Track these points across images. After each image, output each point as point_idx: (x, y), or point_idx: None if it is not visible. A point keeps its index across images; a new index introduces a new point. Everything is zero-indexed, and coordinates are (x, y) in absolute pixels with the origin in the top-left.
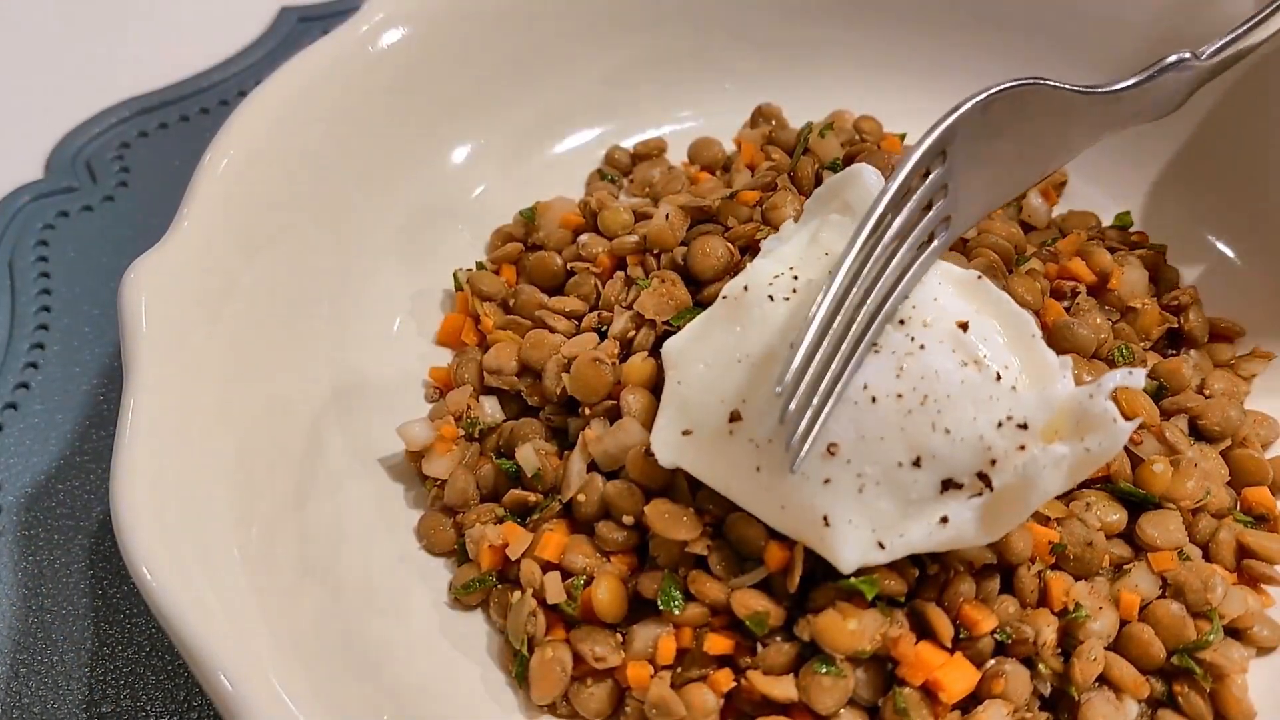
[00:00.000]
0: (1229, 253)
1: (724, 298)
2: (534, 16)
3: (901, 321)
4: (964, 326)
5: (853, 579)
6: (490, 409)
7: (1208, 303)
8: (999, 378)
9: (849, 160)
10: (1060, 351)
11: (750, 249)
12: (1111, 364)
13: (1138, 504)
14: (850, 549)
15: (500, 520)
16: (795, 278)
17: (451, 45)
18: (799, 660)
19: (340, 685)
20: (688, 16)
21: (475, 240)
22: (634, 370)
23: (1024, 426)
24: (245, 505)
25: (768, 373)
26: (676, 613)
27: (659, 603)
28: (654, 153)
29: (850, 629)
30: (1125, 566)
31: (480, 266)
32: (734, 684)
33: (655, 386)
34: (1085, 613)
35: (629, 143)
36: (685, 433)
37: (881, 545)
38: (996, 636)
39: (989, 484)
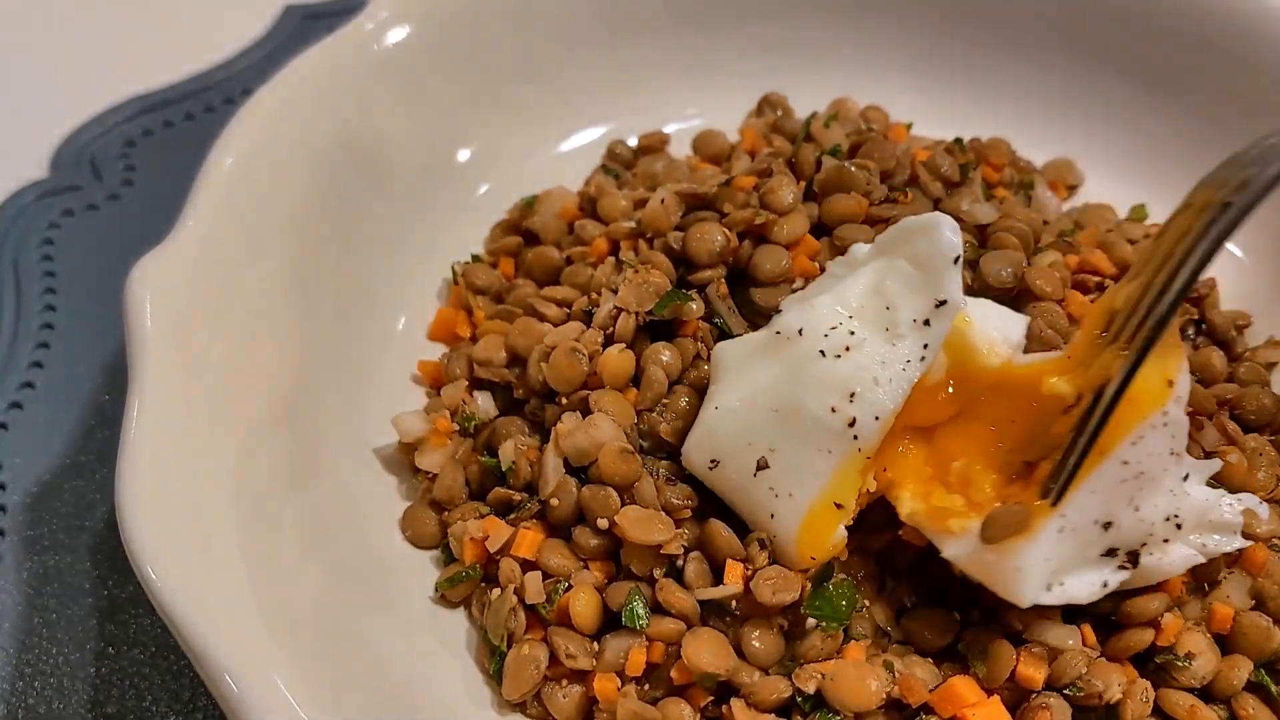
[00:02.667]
0: (1236, 251)
1: (776, 333)
2: (538, 14)
3: (1177, 399)
4: (1192, 415)
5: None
6: (484, 404)
7: None
8: (1187, 477)
9: (854, 149)
10: None
11: (749, 234)
12: None
13: None
14: (1033, 585)
15: (482, 518)
16: (851, 333)
17: (456, 43)
18: (791, 701)
19: (337, 682)
20: (693, 15)
21: (480, 239)
22: (609, 362)
23: (1179, 527)
24: (248, 504)
25: (799, 430)
26: (641, 628)
27: (624, 619)
28: (657, 146)
29: (871, 689)
30: (1221, 576)
31: (477, 259)
32: (711, 698)
33: (635, 378)
34: (1186, 664)
35: (634, 140)
36: (713, 463)
37: (1049, 588)
38: (1067, 692)
39: (1134, 563)
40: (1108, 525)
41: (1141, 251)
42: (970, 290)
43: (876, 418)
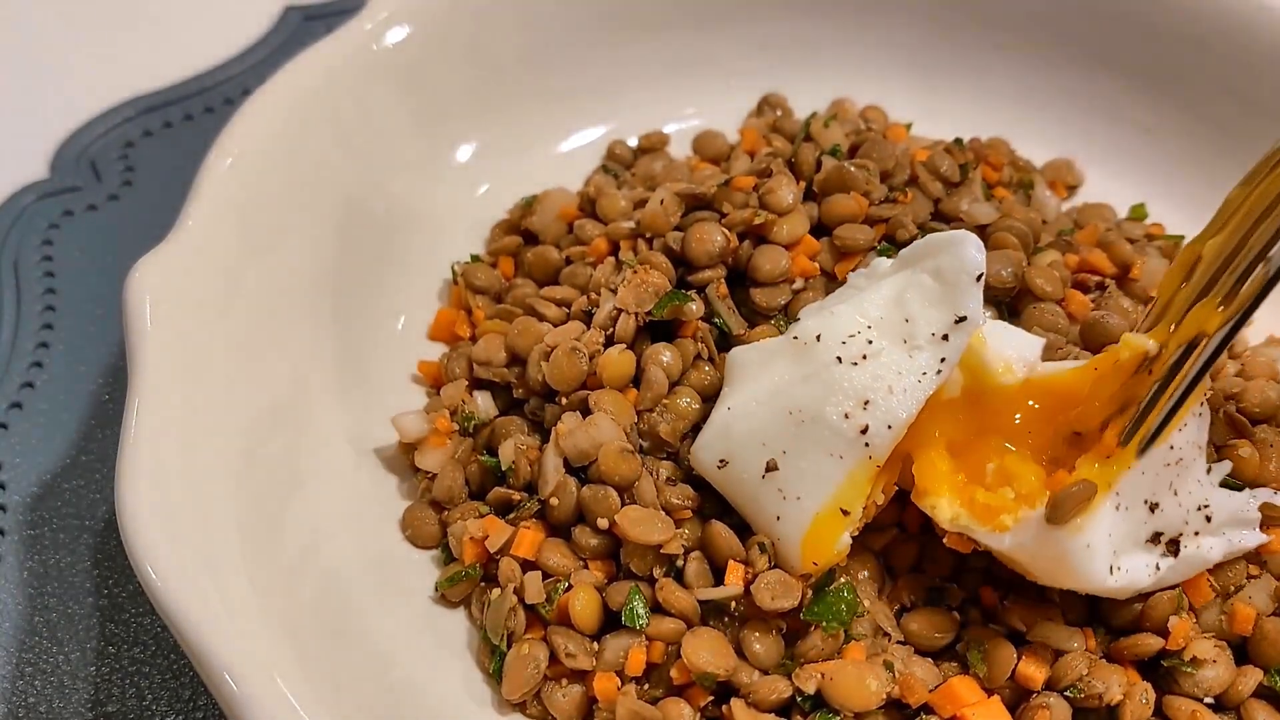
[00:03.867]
0: None
1: (794, 338)
2: (538, 15)
3: (1209, 390)
4: (1213, 410)
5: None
6: (484, 404)
7: None
8: (1209, 470)
9: (853, 149)
10: (1096, 344)
11: (749, 235)
12: None
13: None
14: (1101, 564)
15: (482, 517)
16: (870, 342)
17: (455, 44)
18: (791, 701)
19: (337, 681)
20: (693, 15)
21: (480, 239)
22: (610, 363)
23: (1209, 519)
24: (248, 503)
25: (812, 434)
26: (640, 628)
27: (623, 619)
28: (657, 146)
29: (871, 689)
30: (1244, 580)
31: (476, 259)
32: (711, 698)
33: (635, 378)
34: (1190, 667)
35: (634, 140)
36: (722, 462)
37: (1112, 570)
38: (1068, 694)
39: (1176, 551)
40: (1154, 507)
41: (1230, 201)
42: None
43: (889, 426)
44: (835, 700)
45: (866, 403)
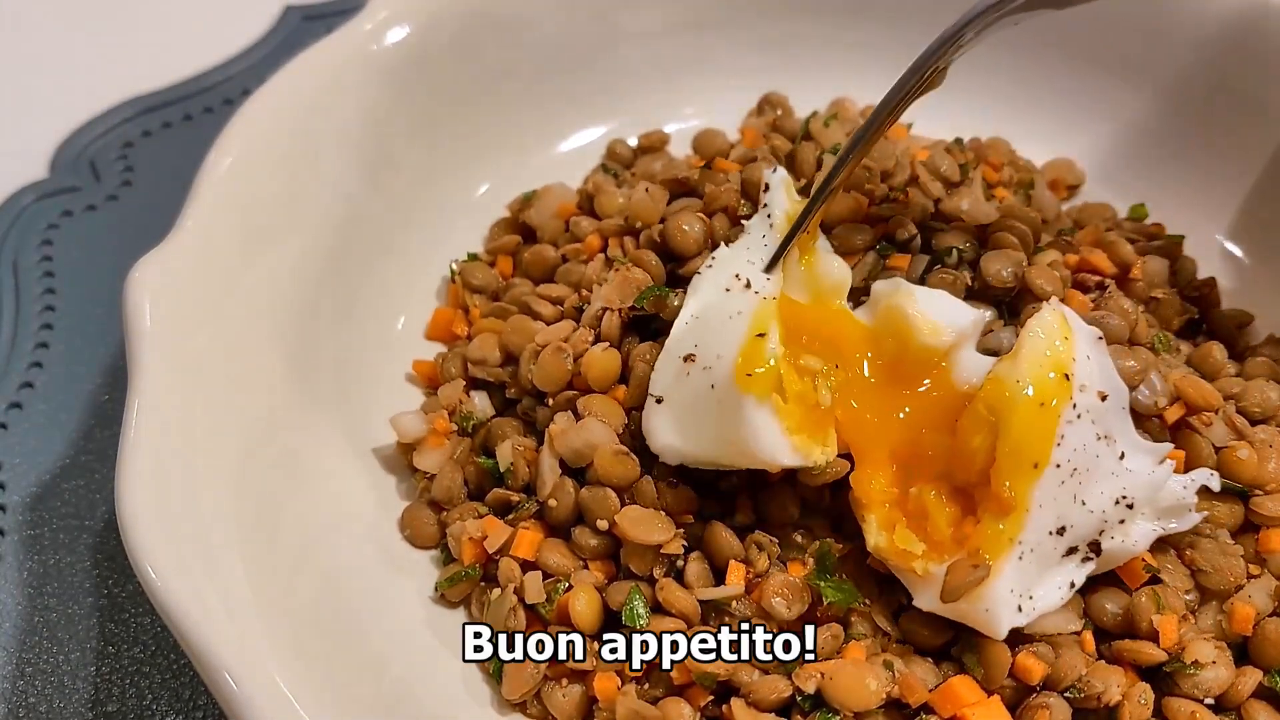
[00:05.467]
0: (1237, 252)
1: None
2: (538, 14)
3: (1082, 388)
4: (1103, 397)
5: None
6: (481, 404)
7: None
8: (1123, 456)
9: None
10: None
11: (728, 213)
12: (1153, 350)
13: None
14: (1005, 618)
15: (481, 517)
16: (712, 256)
17: (455, 44)
18: (791, 701)
19: (337, 681)
20: (693, 15)
21: (479, 238)
22: (594, 361)
23: (1131, 506)
24: (248, 504)
25: (712, 318)
26: (641, 627)
27: (623, 618)
28: (657, 146)
29: (871, 689)
30: (1244, 580)
31: (474, 257)
32: (711, 697)
33: (621, 377)
34: (1192, 669)
35: (634, 140)
36: (658, 399)
37: (1020, 609)
38: (1067, 695)
39: (1098, 551)
40: (1062, 530)
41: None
42: (971, 290)
43: (767, 275)
44: (835, 700)
45: (737, 275)
